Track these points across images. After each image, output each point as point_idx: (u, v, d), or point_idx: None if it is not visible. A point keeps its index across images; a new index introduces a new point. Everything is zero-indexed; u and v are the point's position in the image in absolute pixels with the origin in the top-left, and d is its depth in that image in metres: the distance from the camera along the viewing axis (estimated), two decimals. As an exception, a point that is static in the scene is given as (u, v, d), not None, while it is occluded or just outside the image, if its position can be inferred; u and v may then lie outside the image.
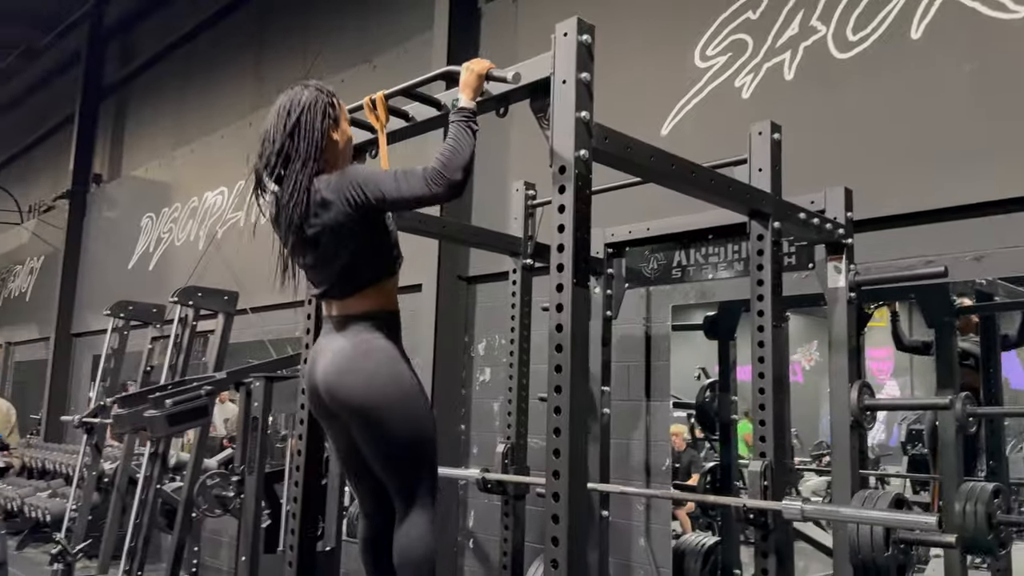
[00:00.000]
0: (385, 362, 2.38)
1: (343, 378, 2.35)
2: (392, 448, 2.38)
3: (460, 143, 2.21)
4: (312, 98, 2.42)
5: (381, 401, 2.34)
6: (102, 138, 11.01)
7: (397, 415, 2.36)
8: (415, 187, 2.22)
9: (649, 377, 4.38)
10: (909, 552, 2.80)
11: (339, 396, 2.36)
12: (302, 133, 2.36)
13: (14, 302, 12.83)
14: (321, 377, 2.40)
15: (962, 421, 3.57)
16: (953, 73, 3.47)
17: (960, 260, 3.38)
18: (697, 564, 4.28)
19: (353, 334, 2.39)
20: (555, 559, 1.93)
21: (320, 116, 2.40)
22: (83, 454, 6.37)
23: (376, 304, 2.43)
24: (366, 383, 2.34)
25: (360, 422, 2.38)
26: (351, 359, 2.36)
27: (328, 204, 2.31)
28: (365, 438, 2.41)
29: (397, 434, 2.36)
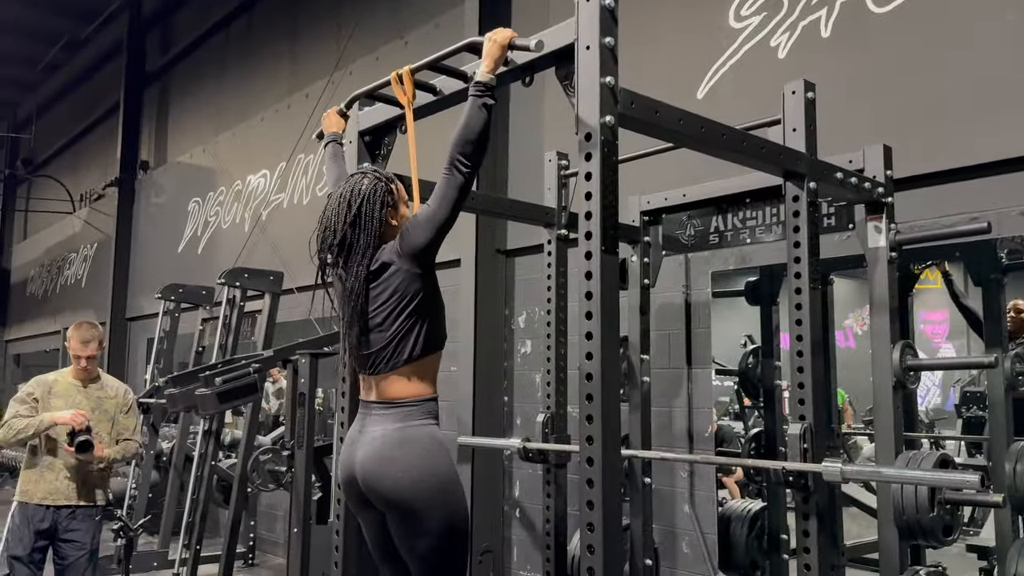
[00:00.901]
0: (427, 453, 2.36)
1: (383, 467, 2.34)
2: (427, 541, 2.35)
3: (472, 121, 2.26)
4: (371, 188, 2.46)
5: (420, 495, 2.32)
6: (147, 126, 11.23)
7: (435, 508, 2.33)
8: (448, 195, 2.30)
9: (690, 345, 4.37)
10: (956, 512, 2.77)
11: (377, 488, 2.35)
12: (363, 224, 2.42)
13: (70, 289, 13.22)
14: (360, 467, 2.39)
15: (1011, 380, 3.50)
16: (994, 22, 3.36)
17: (1007, 215, 3.30)
18: (743, 529, 4.28)
19: (394, 420, 2.39)
20: (591, 522, 1.95)
21: (379, 205, 2.45)
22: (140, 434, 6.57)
23: (417, 389, 2.43)
24: (405, 474, 2.32)
25: (397, 515, 2.36)
26: (392, 447, 2.36)
27: (391, 266, 2.38)
28: (401, 530, 2.39)
29: (433, 528, 2.34)
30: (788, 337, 2.75)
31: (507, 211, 3.82)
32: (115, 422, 4.29)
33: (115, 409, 4.30)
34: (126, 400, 4.39)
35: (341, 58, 7.12)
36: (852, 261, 3.47)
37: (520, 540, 5.17)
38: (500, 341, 5.38)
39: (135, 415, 4.49)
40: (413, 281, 2.39)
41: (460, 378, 5.27)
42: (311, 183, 7.33)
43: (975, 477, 2.25)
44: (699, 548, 4.21)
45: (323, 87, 7.19)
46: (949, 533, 2.72)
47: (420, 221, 2.38)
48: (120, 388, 4.42)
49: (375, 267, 2.40)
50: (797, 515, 2.66)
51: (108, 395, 4.31)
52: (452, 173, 2.30)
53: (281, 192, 7.82)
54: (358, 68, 6.88)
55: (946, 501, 2.69)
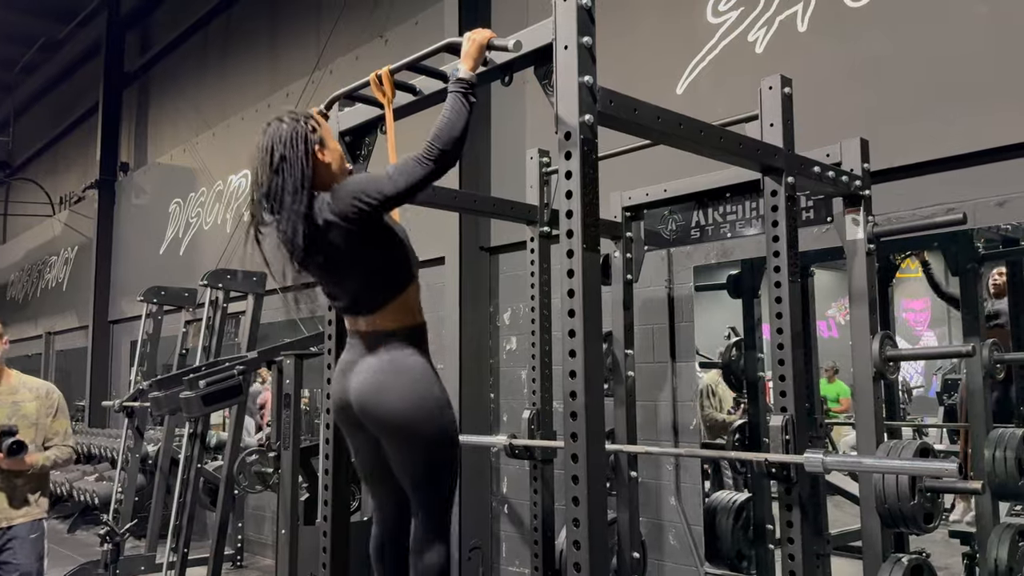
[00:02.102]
0: (419, 380, 2.41)
1: (379, 397, 2.38)
2: (420, 463, 2.44)
3: (454, 114, 2.22)
4: (290, 130, 2.39)
5: (415, 419, 2.38)
6: (126, 127, 11.16)
7: (429, 433, 2.40)
8: (412, 174, 2.23)
9: (674, 338, 4.40)
10: (936, 500, 2.81)
11: (373, 414, 2.40)
12: (287, 167, 2.34)
13: (51, 293, 13.12)
14: (355, 395, 2.43)
15: (988, 368, 3.55)
16: (967, 16, 3.40)
17: (983, 206, 3.34)
18: (728, 520, 4.32)
19: (384, 351, 2.42)
20: (576, 518, 1.97)
21: (303, 144, 2.37)
22: (125, 438, 6.55)
23: (403, 320, 2.45)
24: (400, 401, 2.37)
25: (393, 439, 2.43)
26: (385, 375, 2.39)
27: (332, 225, 2.32)
28: (395, 452, 2.46)
29: (428, 450, 2.42)
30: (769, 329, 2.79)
31: (490, 209, 3.83)
32: (39, 427, 3.87)
33: (38, 413, 3.89)
34: (51, 401, 3.96)
35: (321, 57, 7.10)
36: (832, 253, 3.51)
37: (508, 536, 5.19)
38: (485, 338, 5.39)
39: (64, 418, 4.03)
40: (353, 238, 2.33)
41: (446, 375, 5.23)
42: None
43: (953, 465, 2.29)
44: (686, 540, 4.25)
45: (303, 86, 7.17)
46: (931, 520, 2.76)
47: (362, 185, 2.31)
48: (42, 389, 4.00)
49: (319, 222, 2.32)
50: (780, 506, 2.70)
51: (25, 398, 3.89)
52: (424, 162, 2.22)
53: (263, 192, 7.78)
54: (338, 67, 6.86)
55: (927, 489, 2.73)
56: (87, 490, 7.72)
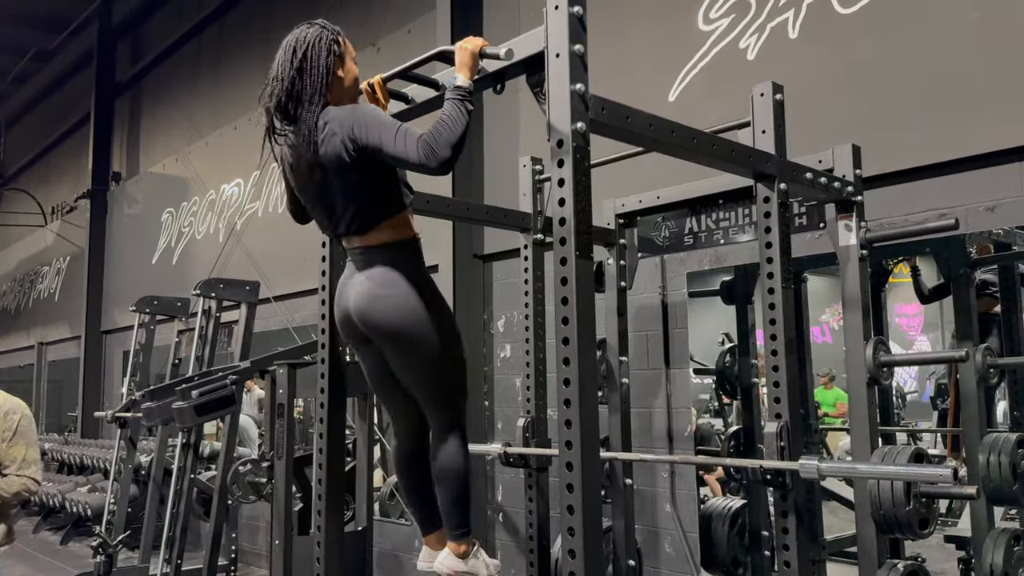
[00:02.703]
0: (413, 288, 2.46)
1: (375, 304, 2.44)
2: (425, 369, 2.49)
3: (452, 120, 2.23)
4: (317, 35, 2.45)
5: (413, 324, 2.43)
6: (119, 136, 11.13)
7: (429, 337, 2.45)
8: (410, 150, 2.25)
9: (668, 345, 4.40)
10: (931, 505, 2.81)
11: (372, 321, 2.45)
12: (308, 69, 2.40)
13: (44, 303, 13.07)
14: (354, 306, 2.48)
15: (982, 373, 3.55)
16: (959, 21, 3.42)
17: (974, 211, 3.36)
18: (724, 527, 4.32)
19: (378, 264, 2.47)
20: (571, 527, 1.96)
21: (325, 52, 2.42)
22: (118, 448, 6.51)
23: (396, 234, 2.49)
24: (396, 308, 2.43)
25: (394, 346, 2.48)
26: (381, 286, 2.45)
27: (334, 135, 2.35)
28: (399, 361, 2.52)
29: (430, 354, 2.47)
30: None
31: (483, 217, 3.83)
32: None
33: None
34: (8, 423, 3.42)
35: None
36: (825, 259, 3.51)
37: (504, 545, 5.17)
38: (479, 346, 5.38)
39: (25, 443, 3.47)
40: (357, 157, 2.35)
41: (440, 384, 5.26)
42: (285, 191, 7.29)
43: (948, 471, 2.29)
44: (681, 547, 4.24)
45: (296, 95, 7.15)
46: (925, 526, 2.76)
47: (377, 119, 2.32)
48: (4, 407, 3.48)
49: (321, 131, 2.35)
50: (776, 512, 2.69)
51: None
52: (423, 154, 2.21)
53: (256, 201, 7.78)
54: (331, 75, 6.85)
55: (921, 494, 2.73)
56: (80, 501, 7.67)
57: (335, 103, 2.43)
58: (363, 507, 4.50)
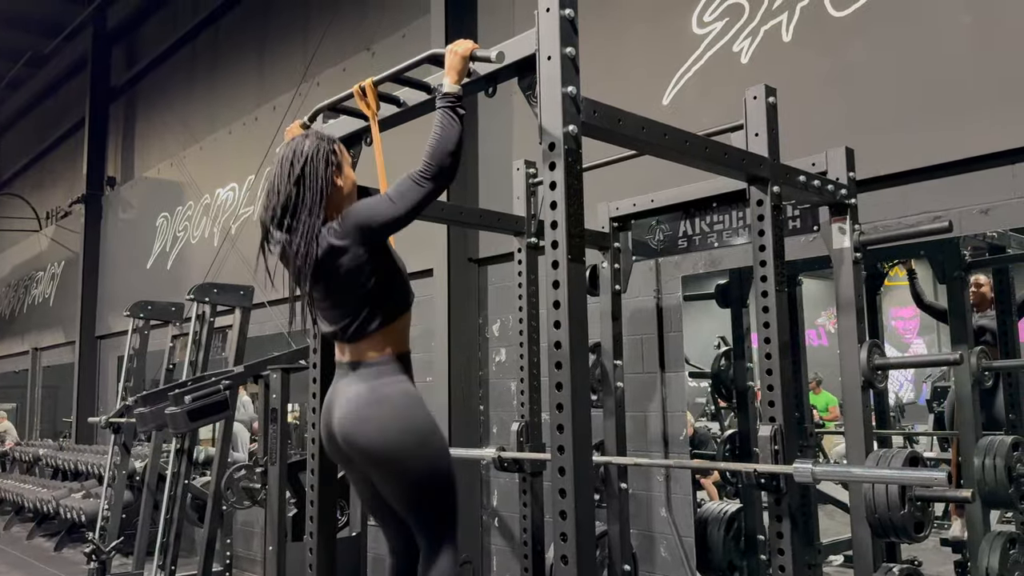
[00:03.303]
0: (401, 408, 2.39)
1: (360, 426, 2.36)
2: (412, 493, 2.40)
3: (445, 129, 2.23)
4: (314, 147, 2.42)
5: (399, 449, 2.35)
6: (113, 141, 11.11)
7: (415, 461, 2.37)
8: (411, 196, 2.26)
9: (663, 349, 4.39)
10: (926, 509, 2.80)
11: (357, 444, 2.37)
12: (307, 183, 2.37)
13: (38, 308, 13.03)
14: (338, 425, 2.41)
15: (977, 376, 3.55)
16: (952, 25, 3.42)
17: (968, 214, 3.35)
18: (720, 531, 4.30)
19: (367, 380, 2.40)
20: (564, 532, 1.95)
21: (323, 164, 2.40)
22: (112, 454, 6.49)
23: (389, 348, 2.43)
24: (382, 431, 2.35)
25: (379, 469, 2.40)
26: (367, 406, 2.37)
27: (338, 249, 2.33)
28: (385, 484, 2.43)
29: (417, 479, 2.38)
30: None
31: (477, 221, 3.82)
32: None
33: None
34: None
35: (308, 70, 7.09)
36: (819, 262, 3.51)
37: (499, 549, 5.15)
38: (475, 350, 5.37)
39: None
40: (357, 262, 2.35)
41: (436, 387, 5.26)
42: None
43: (942, 474, 2.28)
44: (677, 551, 4.23)
45: (291, 99, 7.15)
46: (921, 529, 2.75)
47: (367, 211, 2.33)
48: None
49: (323, 248, 2.34)
50: (770, 516, 2.68)
51: None
52: (422, 181, 2.26)
53: (250, 205, 7.76)
54: (325, 79, 6.85)
55: (916, 498, 2.72)
56: (74, 507, 7.64)
57: (335, 212, 2.40)
58: (358, 512, 4.49)
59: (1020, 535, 3.48)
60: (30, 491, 8.61)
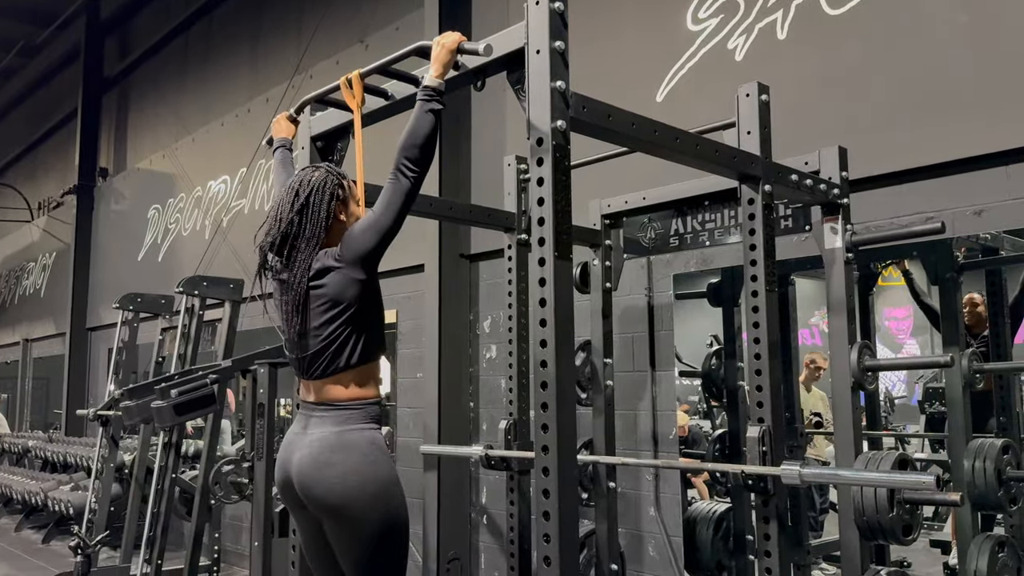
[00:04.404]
0: (365, 457, 2.30)
1: (321, 471, 2.28)
2: (365, 546, 2.30)
3: (415, 125, 2.24)
4: (322, 179, 2.41)
5: (358, 499, 2.26)
6: (106, 132, 11.04)
7: (373, 514, 2.28)
8: (394, 201, 2.27)
9: (654, 347, 4.36)
10: (915, 512, 2.78)
11: (313, 492, 2.29)
12: (309, 214, 2.36)
13: (29, 299, 12.96)
14: (296, 470, 2.33)
15: (968, 378, 3.53)
16: (947, 24, 3.39)
17: (961, 215, 3.33)
18: (709, 531, 4.28)
19: (333, 424, 2.33)
20: (547, 533, 1.92)
21: (328, 197, 2.39)
22: (100, 447, 6.44)
23: (357, 391, 2.37)
24: (342, 480, 2.26)
25: (334, 519, 2.30)
26: (330, 451, 2.29)
27: (331, 270, 2.32)
28: (337, 535, 2.34)
29: (371, 532, 2.29)
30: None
31: (467, 216, 3.79)
32: None
33: None
34: None
35: (301, 62, 7.04)
36: (811, 262, 3.48)
37: (487, 547, 5.13)
38: (465, 346, 5.34)
39: None
40: (351, 287, 2.33)
41: (425, 383, 5.23)
42: (272, 189, 7.22)
43: (931, 478, 2.26)
44: (665, 551, 4.21)
45: (284, 91, 7.11)
46: (909, 532, 2.73)
47: (363, 227, 2.34)
48: None
49: (315, 270, 2.33)
50: (757, 518, 2.66)
51: None
52: (397, 178, 2.27)
53: (242, 198, 7.72)
54: (318, 72, 6.81)
55: (905, 501, 2.70)
56: (62, 500, 7.59)
57: (335, 242, 2.40)
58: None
59: (1009, 538, 3.46)
60: (18, 483, 8.56)
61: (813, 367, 5.80)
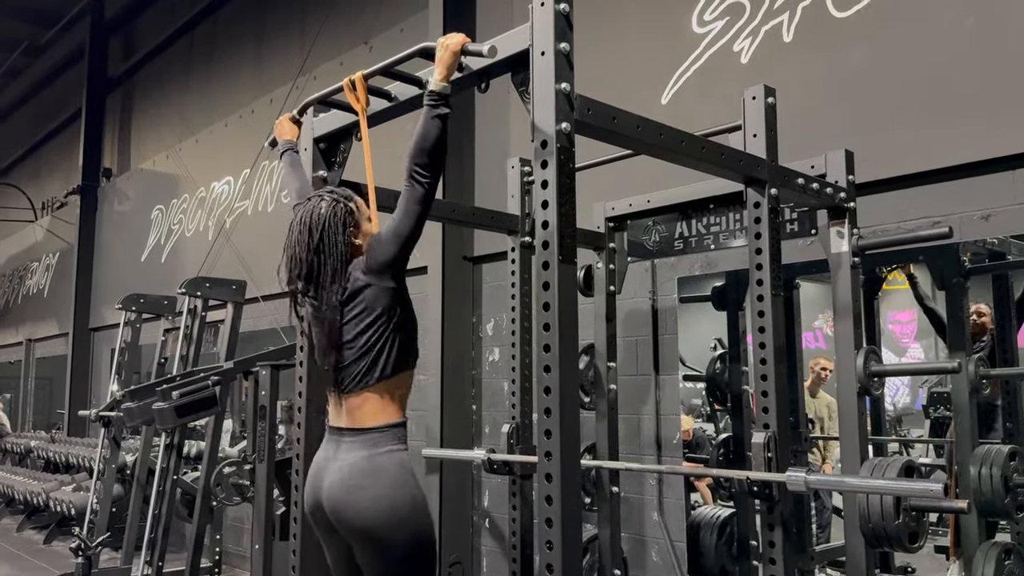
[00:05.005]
0: (396, 480, 2.32)
1: (352, 495, 2.29)
2: (395, 569, 2.32)
3: (425, 131, 2.22)
4: (330, 211, 2.40)
5: (387, 525, 2.28)
6: (110, 132, 11.04)
7: (402, 535, 2.29)
8: (411, 208, 2.27)
9: (657, 351, 4.34)
10: (921, 519, 2.75)
11: (345, 516, 2.31)
12: (327, 250, 2.36)
13: (33, 299, 12.97)
14: (327, 495, 2.34)
15: (975, 384, 3.50)
16: (955, 28, 3.37)
17: (968, 219, 3.30)
18: (712, 536, 4.26)
19: (363, 448, 2.34)
20: (549, 540, 1.90)
21: (341, 228, 2.39)
22: (102, 447, 6.44)
23: (387, 415, 2.38)
24: (373, 503, 2.28)
25: (364, 542, 2.32)
26: (361, 475, 2.31)
27: (364, 287, 2.34)
28: (368, 558, 2.35)
29: (402, 555, 2.30)
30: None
31: (470, 219, 3.77)
32: None
33: None
34: None
35: (305, 63, 7.03)
36: (817, 266, 3.46)
37: (489, 551, 5.11)
38: (468, 349, 5.32)
39: None
40: (382, 296, 2.34)
41: (428, 386, 5.21)
42: (275, 190, 7.23)
43: (939, 486, 2.23)
44: (668, 556, 4.18)
45: (287, 92, 7.10)
46: (915, 539, 2.70)
47: (386, 236, 2.34)
48: None
49: (348, 293, 2.35)
50: (762, 525, 2.63)
51: None
52: (412, 185, 2.26)
53: (245, 199, 7.71)
54: (322, 73, 6.80)
55: (912, 508, 2.67)
56: (64, 500, 7.58)
57: (356, 257, 2.43)
58: None
59: (1016, 546, 3.43)
60: (20, 483, 8.55)
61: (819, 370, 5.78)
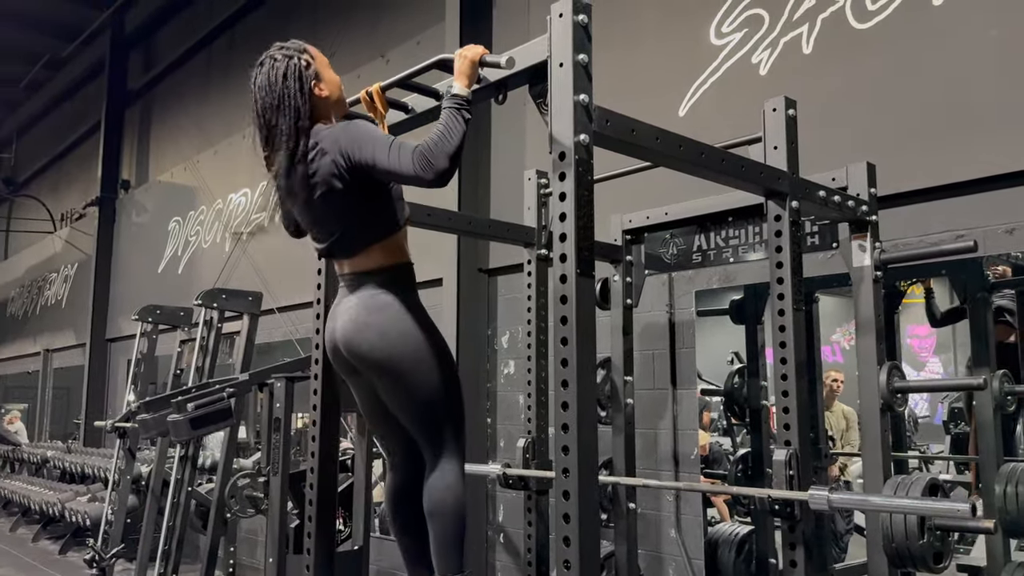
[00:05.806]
0: (400, 313, 2.37)
1: (360, 334, 2.35)
2: (415, 400, 2.38)
3: (449, 129, 2.15)
4: (284, 67, 2.40)
5: (398, 354, 2.33)
6: (128, 144, 11.13)
7: (416, 367, 2.35)
8: (404, 163, 2.17)
9: (675, 365, 4.29)
10: (946, 538, 2.69)
11: (358, 352, 2.36)
12: (285, 108, 2.33)
13: (51, 309, 13.06)
14: (340, 334, 2.40)
15: (999, 400, 3.44)
16: (978, 39, 3.32)
17: (992, 233, 3.25)
18: (731, 554, 4.19)
19: (365, 290, 2.39)
20: (567, 560, 1.86)
21: (297, 81, 2.37)
22: (117, 458, 6.44)
23: (386, 259, 2.41)
24: (383, 336, 2.33)
25: (381, 376, 2.38)
26: (368, 312, 2.36)
27: (324, 155, 2.29)
28: (388, 392, 2.42)
29: (419, 385, 2.36)
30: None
31: (486, 231, 3.75)
32: None
33: None
34: None
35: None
36: (837, 279, 3.41)
37: (504, 566, 5.06)
38: (483, 361, 5.29)
39: None
40: (350, 181, 2.30)
41: (442, 400, 5.17)
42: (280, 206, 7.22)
43: (966, 506, 2.18)
44: (686, 573, 4.12)
45: (304, 105, 7.11)
46: (940, 560, 2.64)
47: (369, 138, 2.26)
48: None
49: (313, 150, 2.30)
50: (783, 544, 2.58)
51: None
52: (417, 165, 2.14)
53: (262, 211, 7.73)
54: (339, 86, 6.81)
55: (936, 527, 2.61)
56: (79, 511, 7.60)
57: (327, 116, 2.38)
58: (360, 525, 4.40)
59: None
60: (36, 493, 8.59)
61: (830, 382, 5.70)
